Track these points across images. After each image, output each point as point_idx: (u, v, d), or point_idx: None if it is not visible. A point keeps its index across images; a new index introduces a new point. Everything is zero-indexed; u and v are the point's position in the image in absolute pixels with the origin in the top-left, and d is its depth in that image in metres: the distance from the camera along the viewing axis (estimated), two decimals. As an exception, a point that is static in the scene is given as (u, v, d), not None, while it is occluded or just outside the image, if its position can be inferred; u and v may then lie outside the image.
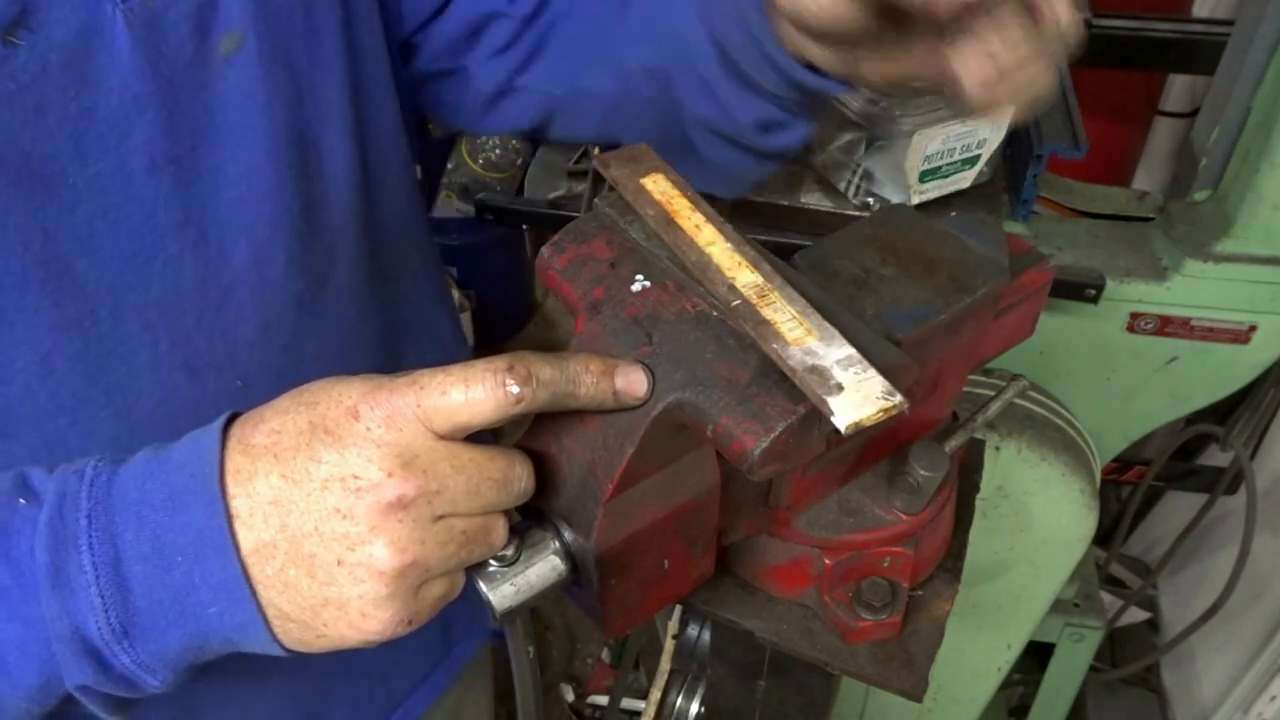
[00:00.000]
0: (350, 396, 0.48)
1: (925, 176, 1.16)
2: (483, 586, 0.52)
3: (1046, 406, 1.21)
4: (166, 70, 0.58)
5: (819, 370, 0.49)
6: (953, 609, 0.66)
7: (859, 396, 0.48)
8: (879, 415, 0.47)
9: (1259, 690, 1.62)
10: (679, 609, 0.89)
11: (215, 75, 0.61)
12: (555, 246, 0.58)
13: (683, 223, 0.57)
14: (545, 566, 0.54)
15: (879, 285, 0.59)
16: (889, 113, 1.12)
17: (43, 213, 0.55)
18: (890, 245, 0.61)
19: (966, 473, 0.71)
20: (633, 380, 0.51)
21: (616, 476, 0.51)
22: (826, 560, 0.62)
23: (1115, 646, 1.94)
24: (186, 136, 0.60)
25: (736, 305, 0.52)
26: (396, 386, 0.48)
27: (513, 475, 0.51)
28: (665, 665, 0.89)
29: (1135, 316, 1.25)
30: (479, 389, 0.48)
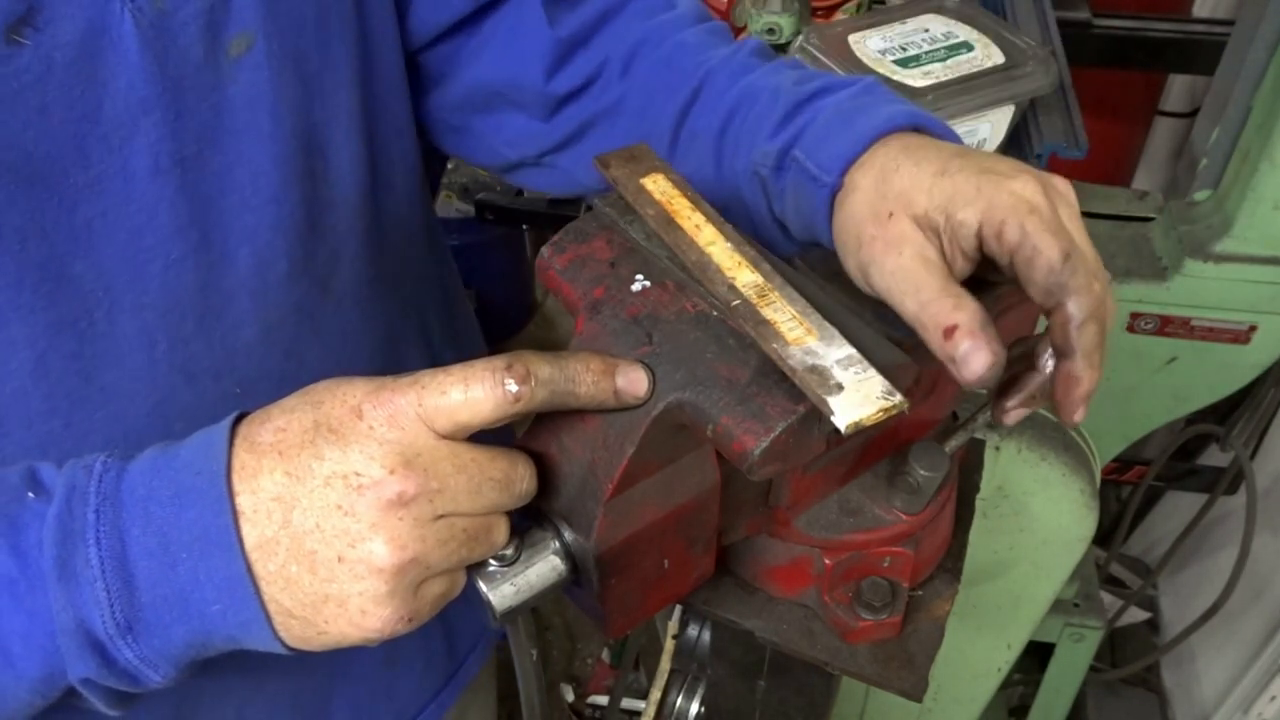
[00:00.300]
0: (354, 396, 0.49)
1: (925, 176, 1.16)
2: (483, 586, 0.53)
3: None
4: (175, 71, 0.58)
5: (819, 370, 0.49)
6: (953, 609, 0.66)
7: (859, 396, 0.48)
8: (879, 415, 0.47)
9: (1259, 690, 1.62)
10: (679, 609, 0.89)
11: (224, 77, 0.60)
12: (555, 246, 0.58)
13: (683, 223, 0.57)
14: (545, 566, 0.54)
15: (879, 285, 0.59)
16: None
17: (41, 213, 0.55)
18: (890, 245, 0.61)
19: (966, 473, 0.71)
20: (633, 379, 0.51)
21: (616, 476, 0.51)
22: (826, 560, 0.62)
23: (1115, 646, 1.94)
24: (193, 139, 0.59)
25: (736, 305, 0.52)
26: (399, 386, 0.48)
27: (515, 476, 0.51)
28: (665, 665, 0.88)
29: (1135, 316, 1.25)
30: (478, 388, 0.48)
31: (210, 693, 0.73)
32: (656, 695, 0.87)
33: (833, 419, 0.47)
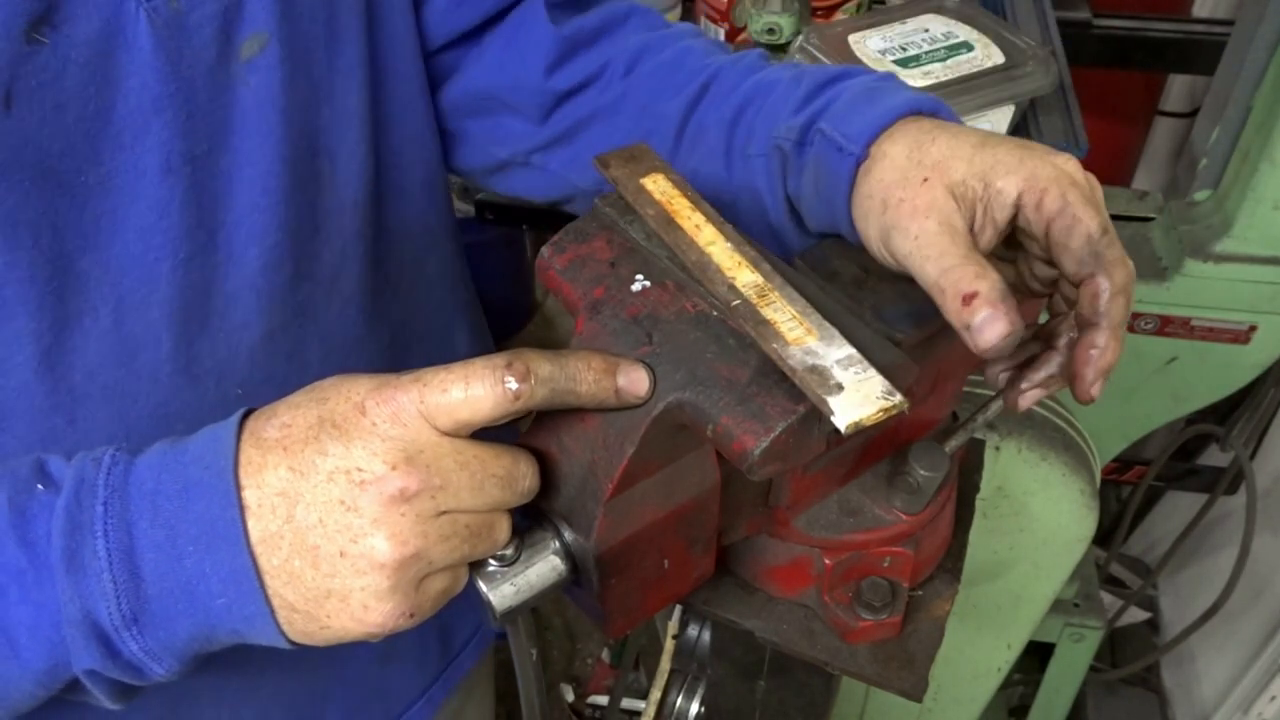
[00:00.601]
0: (358, 393, 0.49)
1: (925, 176, 1.16)
2: (483, 586, 0.53)
3: (1046, 406, 1.20)
4: (188, 72, 0.58)
5: (819, 370, 0.49)
6: (953, 609, 0.66)
7: (859, 396, 0.48)
8: (879, 415, 0.47)
9: (1259, 690, 1.62)
10: (679, 609, 0.89)
11: (236, 78, 0.60)
12: (555, 246, 0.58)
13: (683, 223, 0.57)
14: (545, 566, 0.54)
15: (879, 285, 0.59)
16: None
17: (53, 209, 0.55)
18: (890, 245, 0.61)
19: (966, 473, 0.71)
20: (634, 379, 0.51)
21: (617, 476, 0.51)
22: (826, 560, 0.62)
23: (1115, 646, 1.94)
24: (204, 139, 0.60)
25: (736, 305, 0.53)
26: (402, 384, 0.49)
27: (517, 473, 0.51)
28: (665, 665, 0.88)
29: (1135, 316, 1.25)
30: (479, 386, 0.48)
31: (205, 692, 0.73)
32: (656, 695, 0.87)
33: (833, 419, 0.47)
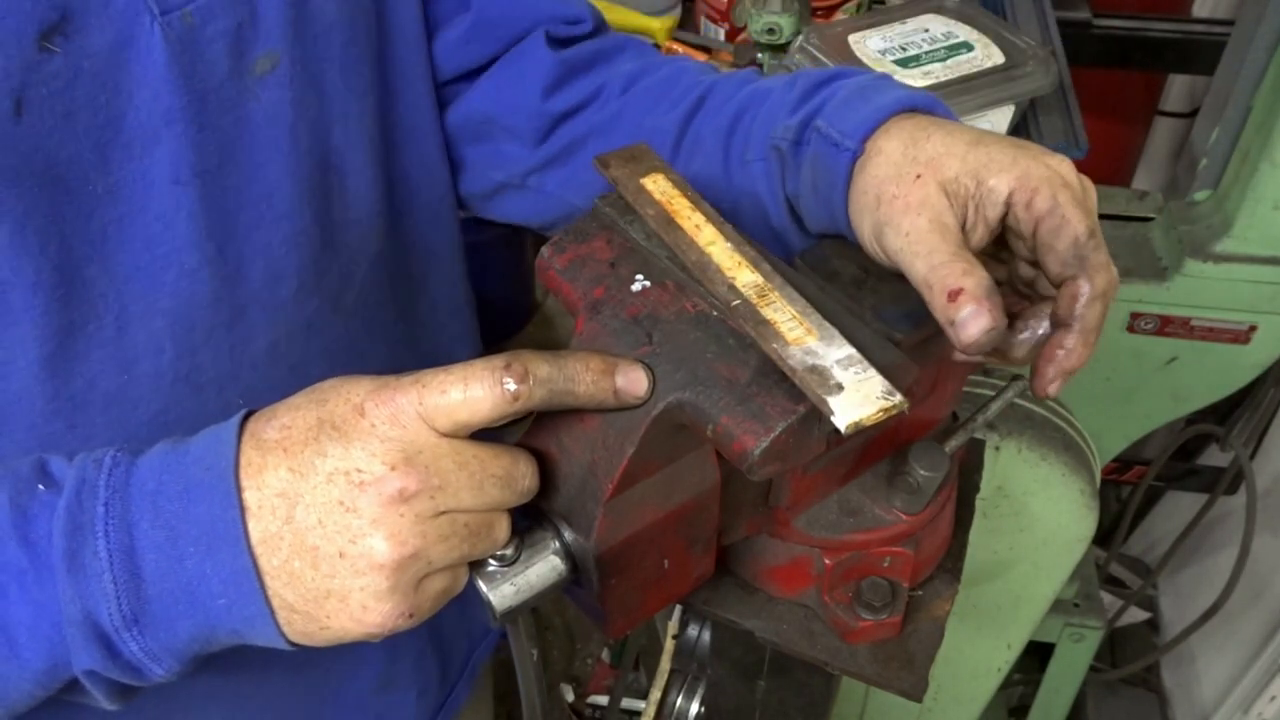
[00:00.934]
0: (358, 394, 0.49)
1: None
2: (483, 586, 0.53)
3: (1046, 406, 1.20)
4: (199, 86, 0.58)
5: (819, 370, 0.49)
6: (953, 609, 0.66)
7: (859, 396, 0.48)
8: (879, 415, 0.47)
9: (1259, 690, 1.62)
10: (679, 609, 0.89)
11: (247, 94, 0.61)
12: (555, 246, 0.58)
13: (683, 223, 0.57)
14: (545, 566, 0.54)
15: (879, 285, 0.59)
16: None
17: (61, 216, 0.55)
18: (890, 245, 0.61)
19: (966, 473, 0.71)
20: (633, 379, 0.51)
21: (616, 476, 0.51)
22: (826, 560, 0.62)
23: (1115, 646, 1.94)
24: (213, 152, 0.60)
25: (736, 305, 0.53)
26: (401, 385, 0.49)
27: (517, 473, 0.51)
28: (665, 665, 0.88)
29: (1135, 316, 1.25)
30: (477, 387, 0.48)
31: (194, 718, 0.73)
32: (656, 695, 0.87)
33: (833, 419, 0.47)
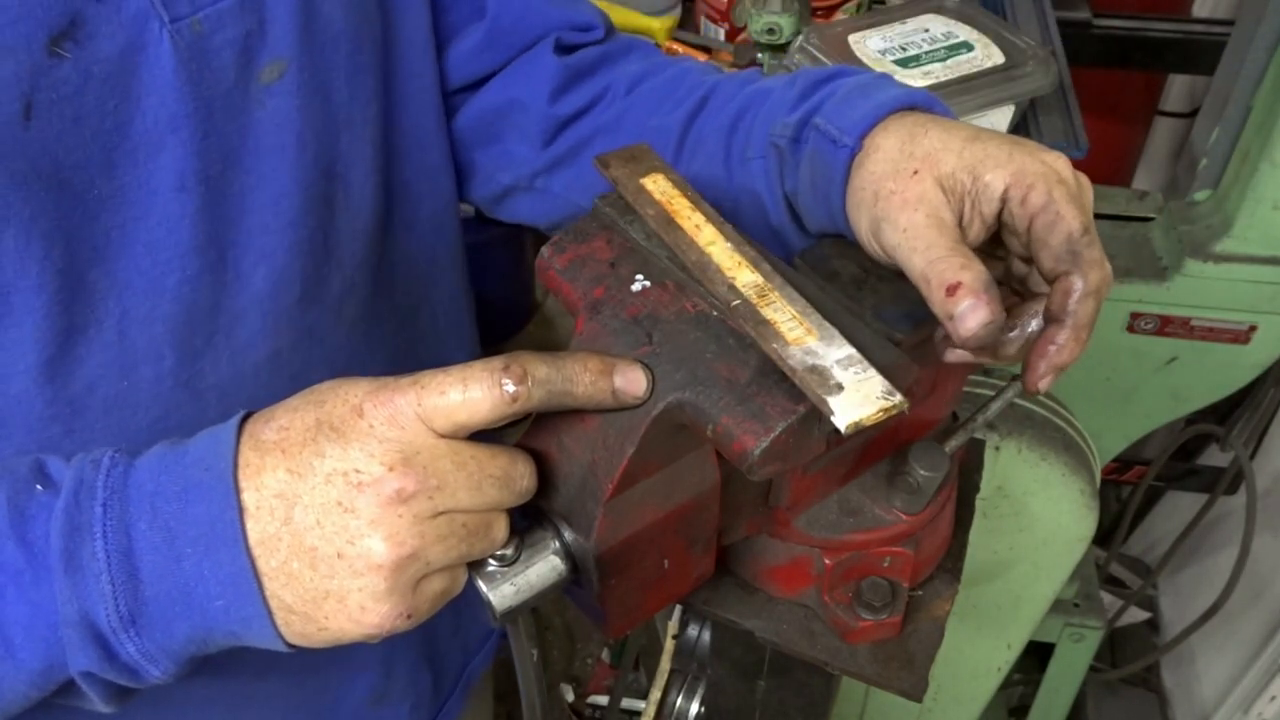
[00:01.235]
0: (356, 395, 0.49)
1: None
2: (482, 586, 0.53)
3: (1046, 406, 1.21)
4: (206, 93, 0.59)
5: (819, 370, 0.49)
6: (953, 609, 0.66)
7: (859, 396, 0.48)
8: (879, 415, 0.47)
9: (1259, 690, 1.62)
10: (679, 609, 0.89)
11: (254, 102, 0.61)
12: (555, 246, 0.58)
13: (683, 223, 0.57)
14: (545, 566, 0.54)
15: (879, 285, 0.59)
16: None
17: (66, 220, 0.56)
18: (890, 245, 0.61)
19: (966, 473, 0.71)
20: (631, 379, 0.51)
21: (617, 476, 0.51)
22: (826, 560, 0.62)
23: (1115, 646, 1.94)
24: (218, 159, 0.60)
25: (736, 305, 0.53)
26: (399, 386, 0.49)
27: (515, 473, 0.51)
28: (665, 665, 0.88)
29: (1135, 316, 1.25)
30: (476, 389, 0.48)
31: None
32: (656, 695, 0.87)
33: (833, 419, 0.47)
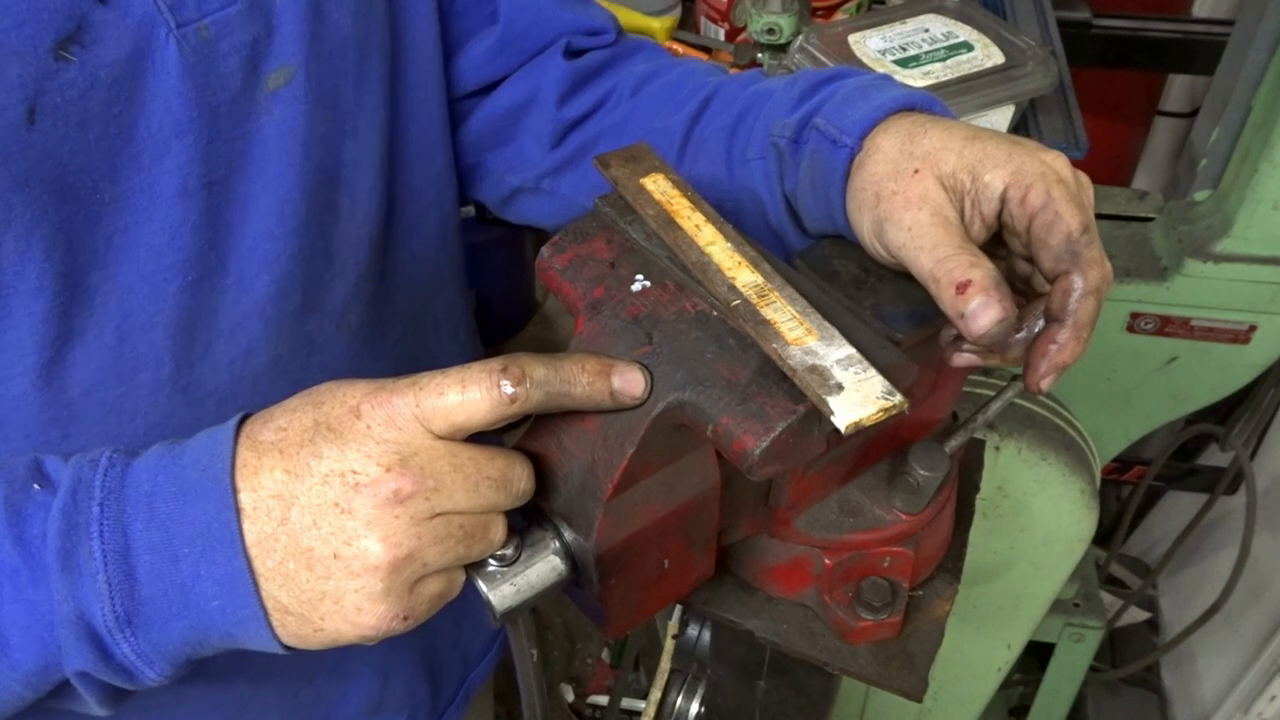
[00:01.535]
0: (354, 396, 0.49)
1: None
2: (482, 586, 0.53)
3: (1046, 406, 1.21)
4: (212, 99, 0.58)
5: (819, 370, 0.49)
6: (953, 609, 0.66)
7: (859, 396, 0.48)
8: (879, 415, 0.47)
9: (1259, 690, 1.62)
10: (679, 609, 0.89)
11: (259, 108, 0.61)
12: (555, 246, 0.58)
13: (683, 223, 0.57)
14: (545, 566, 0.54)
15: (879, 285, 0.59)
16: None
17: (68, 224, 0.55)
18: (890, 245, 0.61)
19: (966, 473, 0.71)
20: (629, 380, 0.51)
21: (616, 476, 0.51)
22: (826, 560, 0.62)
23: (1115, 646, 1.93)
24: (222, 165, 0.60)
25: (736, 305, 0.53)
26: (397, 387, 0.49)
27: (513, 475, 0.51)
28: (665, 665, 0.89)
29: (1135, 316, 1.25)
30: (474, 390, 0.48)
31: None
32: (656, 695, 0.87)
33: (833, 419, 0.47)
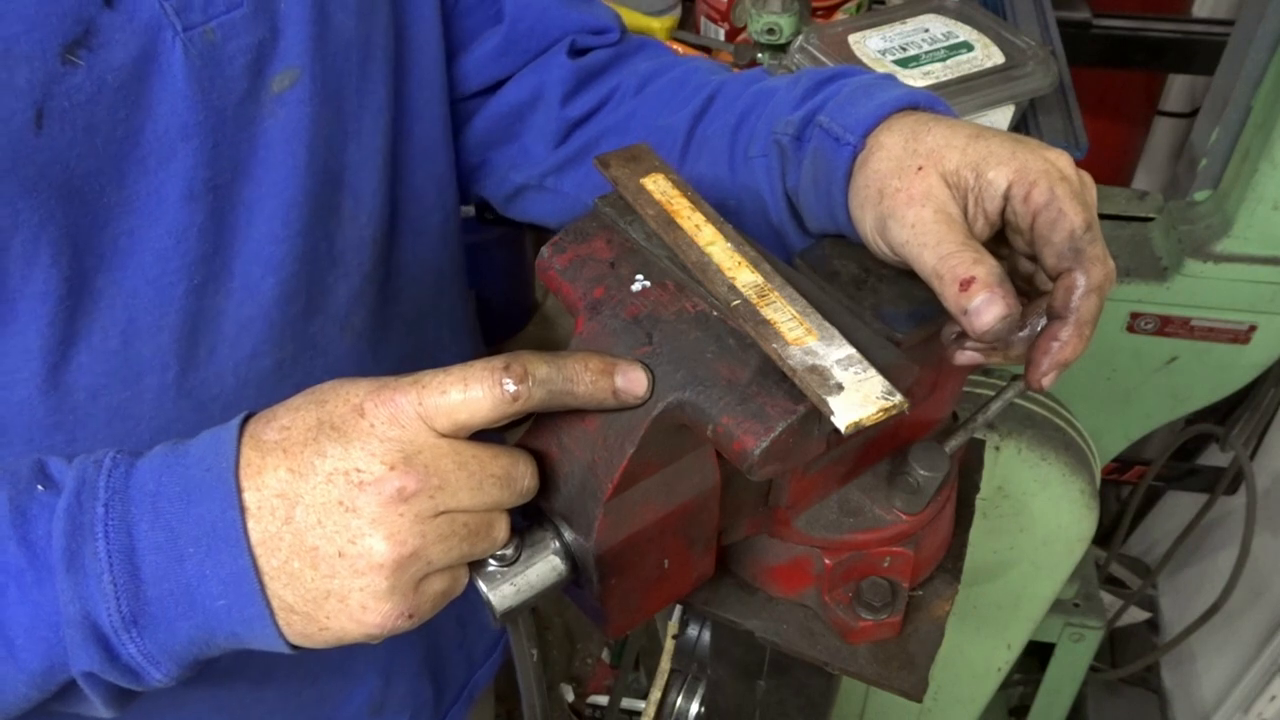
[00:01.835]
0: (357, 395, 0.49)
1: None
2: (483, 586, 0.53)
3: (1046, 406, 1.21)
4: (218, 102, 0.59)
5: (819, 370, 0.49)
6: (953, 609, 0.66)
7: (859, 396, 0.48)
8: (879, 415, 0.47)
9: (1259, 690, 1.62)
10: (679, 609, 0.89)
11: (264, 111, 0.61)
12: (555, 246, 0.58)
13: (683, 223, 0.57)
14: (545, 566, 0.54)
15: (879, 285, 0.59)
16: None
17: (75, 228, 0.56)
18: (890, 245, 0.61)
19: (966, 473, 0.71)
20: (632, 379, 0.51)
21: (617, 476, 0.51)
22: (826, 560, 0.62)
23: (1115, 646, 1.93)
24: (228, 168, 0.60)
25: (736, 305, 0.53)
26: (400, 386, 0.49)
27: (516, 473, 0.51)
28: (665, 665, 0.89)
29: (1135, 316, 1.25)
30: (477, 388, 0.48)
31: None
32: (656, 695, 0.87)
33: (833, 419, 0.47)
